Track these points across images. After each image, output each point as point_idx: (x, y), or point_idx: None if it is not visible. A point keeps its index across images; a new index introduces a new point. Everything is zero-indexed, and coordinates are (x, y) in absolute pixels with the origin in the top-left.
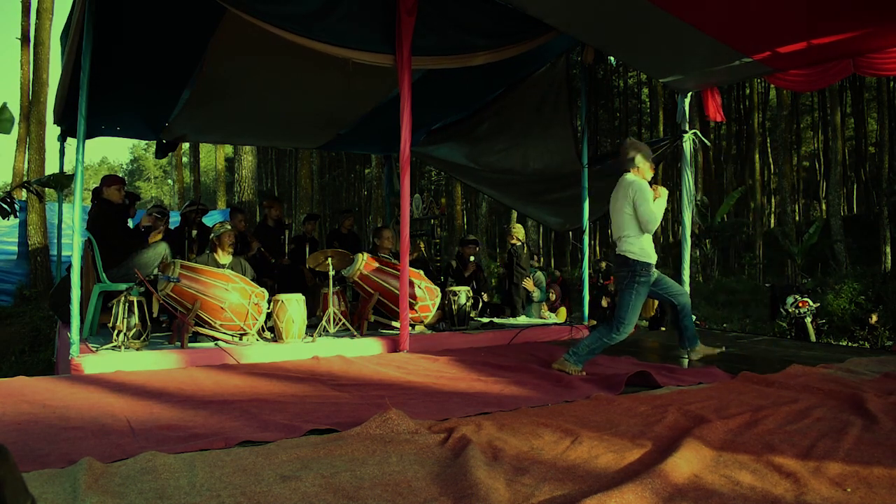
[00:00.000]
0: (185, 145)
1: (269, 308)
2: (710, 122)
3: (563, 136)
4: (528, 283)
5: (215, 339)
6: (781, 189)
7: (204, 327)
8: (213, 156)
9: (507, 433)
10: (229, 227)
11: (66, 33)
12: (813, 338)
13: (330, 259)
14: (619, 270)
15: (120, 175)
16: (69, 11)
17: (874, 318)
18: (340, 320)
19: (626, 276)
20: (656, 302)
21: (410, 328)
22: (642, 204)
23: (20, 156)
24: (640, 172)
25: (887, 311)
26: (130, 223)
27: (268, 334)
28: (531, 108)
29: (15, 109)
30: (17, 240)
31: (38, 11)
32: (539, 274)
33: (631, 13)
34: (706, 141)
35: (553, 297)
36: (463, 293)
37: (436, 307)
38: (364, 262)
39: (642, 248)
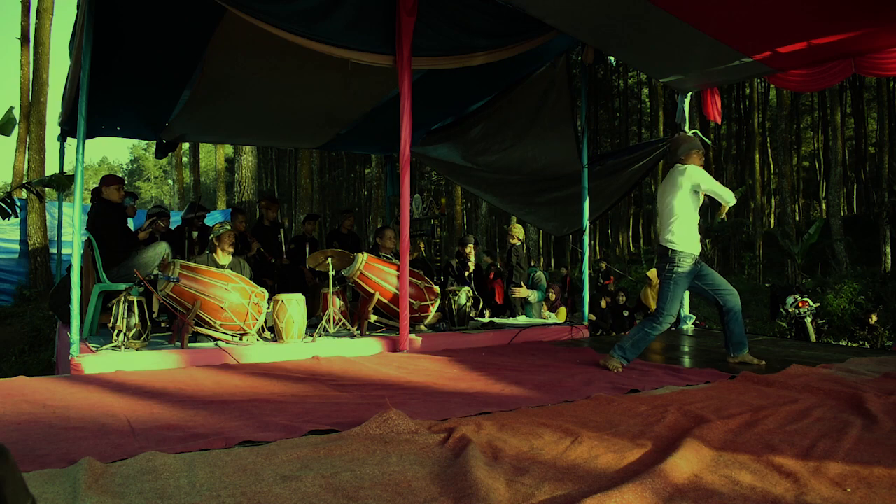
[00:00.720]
0: (185, 145)
1: (269, 308)
2: (711, 122)
3: (562, 136)
4: (520, 292)
5: (215, 339)
6: (781, 189)
7: (204, 327)
8: (213, 156)
9: (507, 433)
10: (229, 228)
11: (73, 39)
12: (813, 338)
13: (330, 259)
14: (661, 261)
15: (120, 175)
16: (75, 17)
17: (874, 318)
18: (340, 320)
19: (665, 267)
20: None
21: (410, 328)
22: (707, 183)
23: (20, 156)
24: (692, 161)
25: (887, 311)
26: (131, 223)
27: (268, 334)
28: (531, 108)
29: (15, 110)
30: (18, 237)
31: (38, 11)
32: (539, 273)
33: (631, 13)
34: (707, 140)
35: (553, 296)
36: (463, 293)
37: (436, 307)
38: (364, 262)
39: (682, 239)
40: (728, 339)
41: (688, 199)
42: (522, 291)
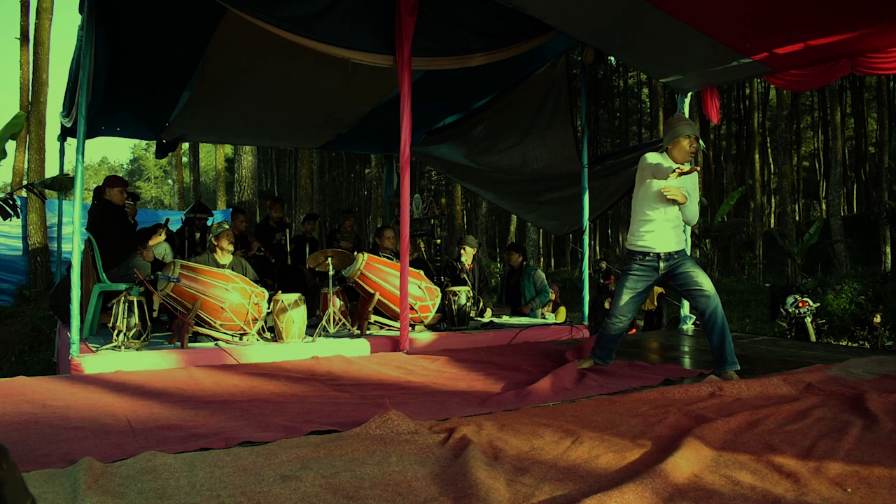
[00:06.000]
0: (185, 145)
1: (269, 308)
2: (711, 123)
3: (562, 136)
4: (526, 309)
5: (215, 339)
6: (781, 189)
7: (204, 327)
8: (213, 156)
9: (507, 433)
10: (227, 227)
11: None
12: (813, 338)
13: (330, 259)
14: None
15: (120, 175)
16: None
17: (878, 318)
18: (340, 320)
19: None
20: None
21: (410, 328)
22: (646, 170)
23: (20, 156)
24: (671, 152)
25: (887, 311)
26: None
27: (268, 334)
28: (531, 108)
29: (15, 109)
30: (21, 233)
31: (37, 11)
32: (539, 273)
33: (631, 13)
34: (702, 144)
35: (553, 296)
36: (463, 293)
37: (436, 307)
38: (364, 262)
39: (634, 236)
40: (711, 352)
41: (640, 191)
42: (526, 309)
